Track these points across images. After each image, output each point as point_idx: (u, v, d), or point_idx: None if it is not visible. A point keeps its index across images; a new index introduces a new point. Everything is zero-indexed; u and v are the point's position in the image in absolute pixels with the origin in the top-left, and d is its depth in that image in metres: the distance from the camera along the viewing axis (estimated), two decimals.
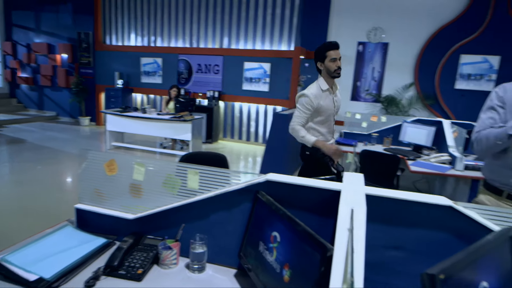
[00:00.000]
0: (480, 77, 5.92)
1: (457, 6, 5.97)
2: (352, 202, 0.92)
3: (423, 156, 3.52)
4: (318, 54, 2.43)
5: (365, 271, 1.04)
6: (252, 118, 7.47)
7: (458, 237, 0.97)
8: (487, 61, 5.86)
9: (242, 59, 7.28)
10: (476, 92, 5.94)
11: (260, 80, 7.21)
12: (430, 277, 0.60)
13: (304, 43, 6.84)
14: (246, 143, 7.54)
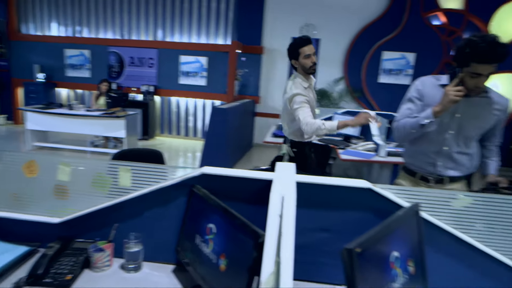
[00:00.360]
0: (399, 72, 6.53)
1: (379, 6, 6.49)
2: (283, 190, 0.97)
3: (352, 145, 3.80)
4: (291, 52, 2.37)
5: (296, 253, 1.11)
6: (190, 113, 7.34)
7: (377, 215, 1.08)
8: (405, 58, 6.48)
9: (177, 53, 7.09)
10: (396, 85, 6.54)
11: (197, 74, 7.10)
12: (348, 251, 0.66)
13: (240, 37, 6.88)
14: (185, 139, 7.40)
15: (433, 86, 1.67)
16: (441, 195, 1.09)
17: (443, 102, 1.54)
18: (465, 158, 1.69)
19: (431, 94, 1.66)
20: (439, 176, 1.72)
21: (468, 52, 1.44)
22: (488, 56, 1.40)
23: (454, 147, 1.66)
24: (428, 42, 6.38)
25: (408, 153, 1.84)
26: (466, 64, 1.48)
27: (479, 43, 1.40)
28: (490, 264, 1.10)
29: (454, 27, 6.39)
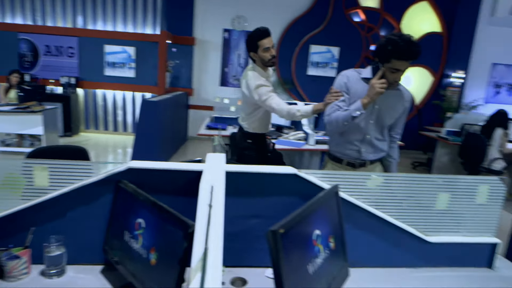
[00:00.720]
0: (325, 65, 6.93)
1: (306, 1, 6.77)
2: (212, 180, 0.98)
3: (284, 134, 3.96)
4: (250, 44, 2.30)
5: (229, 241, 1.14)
6: (118, 107, 6.92)
7: (303, 198, 1.15)
8: (330, 51, 6.89)
9: (102, 42, 6.59)
10: (323, 77, 6.94)
11: (124, 65, 6.69)
12: (272, 233, 0.70)
13: (170, 28, 6.65)
14: (114, 134, 6.97)
15: (356, 80, 1.83)
16: (357, 176, 1.20)
17: (370, 94, 1.68)
18: (381, 144, 1.89)
19: (355, 87, 1.81)
20: (363, 161, 1.89)
21: (389, 50, 1.59)
22: (406, 54, 1.57)
23: (373, 135, 1.84)
24: (350, 37, 6.86)
25: (334, 142, 1.97)
26: (387, 60, 1.64)
27: (399, 42, 1.56)
28: (400, 235, 1.25)
29: (372, 24, 6.96)
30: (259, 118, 2.46)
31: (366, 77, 1.78)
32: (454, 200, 1.26)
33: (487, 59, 7.35)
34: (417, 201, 1.24)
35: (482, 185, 1.26)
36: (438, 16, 7.03)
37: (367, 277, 1.19)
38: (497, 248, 1.32)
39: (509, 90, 7.61)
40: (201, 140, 6.83)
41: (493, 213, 1.30)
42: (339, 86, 1.85)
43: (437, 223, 1.27)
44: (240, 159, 2.67)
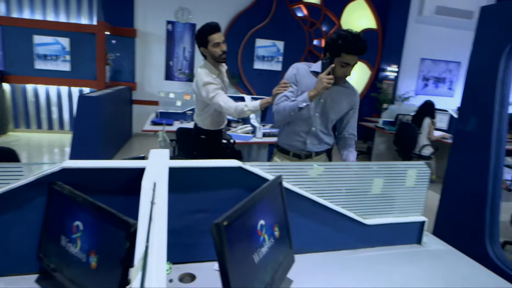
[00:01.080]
0: (271, 58, 7.04)
1: None
2: (155, 176, 0.96)
3: (232, 128, 3.96)
4: (200, 39, 2.27)
5: (176, 237, 1.13)
6: (53, 103, 6.40)
7: (248, 191, 1.16)
8: (275, 45, 7.01)
9: (30, 32, 6.02)
10: (270, 71, 7.05)
11: (58, 58, 6.19)
12: (216, 226, 0.71)
13: (108, 18, 6.27)
14: (49, 132, 6.45)
15: (306, 72, 1.89)
16: (300, 166, 1.25)
17: (317, 88, 1.74)
18: (326, 137, 1.98)
19: (304, 79, 1.87)
20: (308, 152, 1.97)
21: (340, 44, 1.68)
22: (355, 48, 1.67)
23: (319, 127, 1.92)
24: (294, 31, 7.04)
25: (283, 134, 2.03)
26: (337, 54, 1.72)
27: (349, 37, 1.66)
28: (340, 220, 1.33)
29: (314, 20, 7.20)
30: (211, 115, 2.46)
31: (315, 71, 1.85)
32: (387, 184, 1.37)
33: (416, 54, 8.02)
34: (355, 187, 1.33)
35: (411, 169, 1.38)
36: (373, 14, 7.48)
37: (312, 261, 1.25)
38: (425, 225, 1.46)
39: (435, 83, 8.38)
40: (147, 136, 6.59)
41: (421, 194, 1.44)
42: (289, 77, 1.91)
43: (373, 206, 1.37)
44: (193, 154, 2.66)
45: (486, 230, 2.00)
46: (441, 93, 8.34)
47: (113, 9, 6.28)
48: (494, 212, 1.99)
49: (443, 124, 5.48)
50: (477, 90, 2.03)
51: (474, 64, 2.04)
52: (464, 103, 2.12)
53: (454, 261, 1.34)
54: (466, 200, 2.11)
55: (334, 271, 1.20)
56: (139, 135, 6.72)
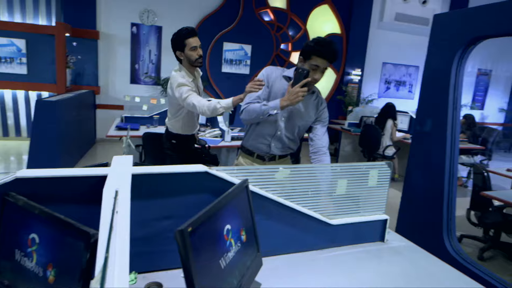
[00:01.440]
0: (239, 62, 7.06)
1: None
2: (117, 184, 0.93)
3: (200, 132, 3.92)
4: (176, 43, 2.30)
5: (141, 246, 1.10)
6: (8, 108, 6.03)
7: (215, 195, 1.16)
8: (243, 49, 7.04)
9: None
10: (238, 74, 7.07)
11: (13, 60, 5.84)
12: (180, 232, 0.70)
13: (68, 19, 6.01)
14: (4, 139, 6.06)
15: (279, 76, 1.91)
16: (266, 170, 1.26)
17: (291, 99, 1.73)
18: (291, 142, 2.00)
19: (276, 83, 1.89)
20: (272, 155, 1.99)
21: (312, 46, 1.73)
22: (326, 52, 1.71)
23: (284, 132, 1.94)
24: (261, 35, 7.11)
25: (249, 136, 2.04)
26: (309, 57, 1.75)
27: (321, 41, 1.72)
28: (307, 221, 1.36)
29: (281, 24, 7.31)
30: (182, 118, 2.44)
31: (287, 76, 1.89)
32: (351, 185, 1.41)
33: (378, 59, 8.36)
34: (320, 188, 1.36)
35: (372, 169, 1.44)
36: (337, 19, 7.72)
37: (280, 264, 1.26)
38: (387, 223, 1.52)
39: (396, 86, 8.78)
40: (112, 142, 6.37)
41: (383, 193, 1.50)
42: (262, 78, 1.91)
43: (338, 206, 1.41)
44: (162, 159, 2.61)
45: (443, 225, 2.12)
46: (402, 95, 8.75)
47: (73, 10, 6.03)
48: (450, 208, 2.11)
49: (404, 125, 5.74)
50: (432, 94, 2.15)
51: (429, 68, 2.17)
52: (421, 106, 2.24)
53: (414, 256, 1.41)
54: (425, 198, 2.22)
55: (301, 272, 1.22)
56: (104, 141, 6.49)
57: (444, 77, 2.03)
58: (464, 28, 1.97)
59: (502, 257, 3.16)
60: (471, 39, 1.94)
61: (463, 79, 2.00)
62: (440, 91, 2.06)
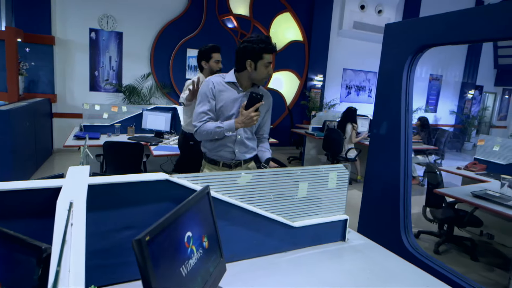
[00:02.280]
0: None
1: (179, 5, 6.74)
2: (72, 195, 0.90)
3: (164, 140, 3.86)
4: (204, 54, 2.71)
5: (101, 258, 1.07)
6: None
7: (177, 203, 1.15)
8: None
9: None
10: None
11: None
12: (137, 242, 0.69)
13: (20, 24, 5.70)
14: None
15: (221, 84, 1.93)
16: (228, 175, 1.27)
17: (246, 122, 1.81)
18: (252, 142, 2.03)
19: (222, 93, 1.91)
20: (238, 161, 2.00)
21: (261, 47, 1.79)
22: (273, 46, 1.83)
23: (243, 135, 1.96)
24: (225, 42, 7.13)
25: (210, 147, 2.01)
26: (260, 57, 1.81)
27: (264, 39, 1.81)
28: (270, 225, 1.38)
29: (244, 31, 7.39)
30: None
31: (231, 81, 1.92)
32: (312, 187, 1.46)
33: (339, 65, 8.68)
34: (282, 192, 1.39)
35: (332, 172, 1.50)
36: (299, 26, 7.94)
37: (244, 268, 1.27)
38: (347, 223, 1.58)
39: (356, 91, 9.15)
40: (71, 152, 6.09)
41: (342, 194, 1.56)
42: (206, 92, 1.90)
43: (300, 209, 1.45)
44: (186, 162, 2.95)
45: (401, 222, 2.24)
46: (362, 100, 9.12)
47: (26, 14, 5.72)
48: (406, 206, 2.24)
49: (365, 128, 5.99)
50: (386, 98, 2.27)
51: (383, 74, 2.29)
52: (376, 110, 2.36)
53: (373, 253, 1.48)
54: (383, 197, 2.33)
55: (264, 275, 1.24)
56: (62, 151, 6.18)
57: (396, 82, 2.16)
58: (412, 37, 2.11)
59: (455, 250, 3.37)
60: (419, 47, 2.08)
61: (413, 84, 2.14)
62: (393, 96, 2.19)
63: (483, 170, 3.85)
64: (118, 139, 3.79)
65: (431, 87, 10.18)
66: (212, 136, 1.89)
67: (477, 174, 3.72)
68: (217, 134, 1.86)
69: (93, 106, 4.26)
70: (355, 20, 8.17)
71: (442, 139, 6.34)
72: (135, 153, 3.41)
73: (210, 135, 1.88)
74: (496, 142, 3.88)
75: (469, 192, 2.91)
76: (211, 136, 1.89)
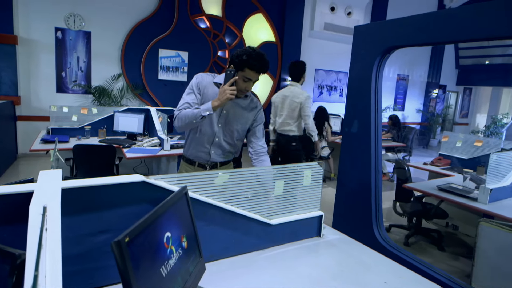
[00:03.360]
0: (176, 69, 6.95)
1: (149, 5, 6.62)
2: (45, 200, 0.88)
3: (137, 142, 3.79)
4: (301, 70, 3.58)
5: (77, 263, 1.05)
6: None
7: (154, 205, 1.15)
8: (180, 56, 6.95)
9: None
10: (175, 82, 6.95)
11: None
12: (117, 243, 0.69)
13: None
14: None
15: (209, 83, 1.93)
16: (205, 176, 1.28)
17: (221, 98, 1.76)
18: (230, 147, 2.02)
19: (207, 90, 1.90)
20: (213, 162, 2.00)
21: (245, 59, 1.75)
22: (257, 65, 1.76)
23: (222, 138, 1.96)
24: (198, 42, 7.09)
25: (188, 146, 2.03)
26: (241, 69, 1.78)
27: (253, 54, 1.75)
28: (248, 223, 1.40)
29: (217, 31, 7.37)
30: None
31: (217, 82, 1.91)
32: (288, 185, 1.49)
33: (311, 65, 8.83)
34: (259, 190, 1.42)
35: (306, 170, 1.54)
36: (271, 27, 8.01)
37: (223, 267, 1.28)
38: (322, 219, 1.63)
39: (328, 90, 9.35)
40: (38, 157, 5.83)
41: (317, 191, 1.61)
42: (193, 85, 1.91)
43: (277, 207, 1.48)
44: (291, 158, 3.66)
45: (373, 217, 2.33)
46: (334, 99, 9.34)
47: None
48: (377, 201, 2.33)
49: (337, 127, 6.15)
50: (356, 97, 2.35)
51: (353, 75, 2.37)
52: (347, 109, 2.44)
53: (347, 247, 1.53)
54: (355, 193, 2.42)
55: (244, 273, 1.26)
56: (28, 156, 5.90)
57: (366, 82, 2.24)
58: (380, 39, 2.20)
59: (424, 241, 3.54)
60: (386, 48, 2.18)
61: (382, 84, 2.23)
62: (363, 95, 2.27)
63: (448, 165, 4.06)
64: (89, 142, 3.68)
65: (398, 87, 10.58)
66: (189, 120, 1.81)
67: (442, 169, 3.92)
68: (194, 115, 1.80)
69: (61, 109, 4.11)
70: (325, 21, 8.36)
71: (409, 136, 6.62)
72: (107, 156, 3.32)
73: (188, 118, 1.81)
74: (459, 138, 4.11)
75: (434, 186, 3.06)
76: (188, 120, 1.81)
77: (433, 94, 11.09)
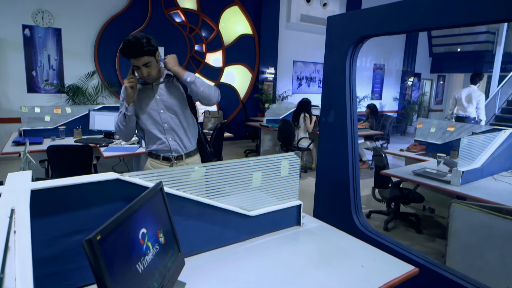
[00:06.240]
0: None
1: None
2: (13, 202, 0.85)
3: (115, 140, 3.71)
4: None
5: (51, 266, 1.03)
6: None
7: (129, 202, 1.14)
8: None
9: None
10: None
11: None
12: (88, 242, 0.68)
13: None
14: None
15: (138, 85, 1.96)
16: (182, 171, 1.28)
17: (125, 91, 1.86)
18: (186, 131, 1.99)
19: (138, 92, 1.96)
20: (177, 154, 1.98)
21: (121, 49, 1.76)
22: (126, 52, 1.73)
23: (170, 122, 1.94)
24: (174, 37, 6.97)
25: (147, 142, 2.01)
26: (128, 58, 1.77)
27: (123, 44, 1.74)
28: (227, 216, 1.40)
29: (193, 25, 7.26)
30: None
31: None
32: (265, 176, 1.50)
33: (289, 57, 8.86)
34: (237, 183, 1.42)
35: (284, 160, 1.55)
36: (248, 20, 7.96)
37: (204, 260, 1.29)
38: (301, 208, 1.65)
39: (307, 82, 9.41)
40: (11, 160, 5.61)
41: (295, 181, 1.63)
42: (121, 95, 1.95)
43: (255, 198, 1.49)
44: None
45: (351, 204, 2.38)
46: (313, 91, 9.42)
47: None
48: (355, 188, 2.38)
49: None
50: (332, 87, 2.38)
51: (327, 65, 2.40)
52: (324, 99, 2.47)
53: (326, 234, 1.56)
54: (334, 181, 2.46)
55: (225, 265, 1.27)
56: None
57: (340, 71, 2.27)
58: (353, 29, 2.23)
59: (402, 225, 3.65)
60: (359, 37, 2.20)
61: (356, 73, 2.26)
62: (338, 84, 2.30)
63: (423, 151, 4.18)
64: (64, 142, 3.58)
65: (375, 76, 10.77)
66: (122, 125, 1.92)
67: (418, 154, 4.04)
68: (120, 119, 1.92)
69: (33, 109, 3.96)
70: (301, 13, 8.37)
71: (387, 124, 6.77)
72: (84, 156, 3.24)
73: (120, 125, 1.93)
74: (433, 124, 4.24)
75: (410, 171, 3.16)
76: (120, 122, 1.93)
77: (409, 82, 11.35)
